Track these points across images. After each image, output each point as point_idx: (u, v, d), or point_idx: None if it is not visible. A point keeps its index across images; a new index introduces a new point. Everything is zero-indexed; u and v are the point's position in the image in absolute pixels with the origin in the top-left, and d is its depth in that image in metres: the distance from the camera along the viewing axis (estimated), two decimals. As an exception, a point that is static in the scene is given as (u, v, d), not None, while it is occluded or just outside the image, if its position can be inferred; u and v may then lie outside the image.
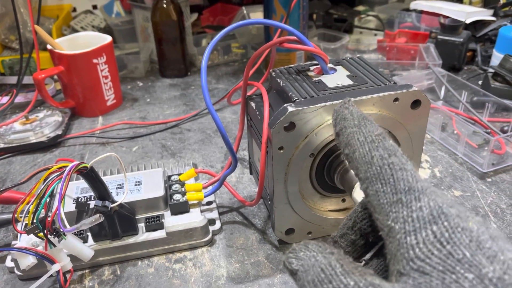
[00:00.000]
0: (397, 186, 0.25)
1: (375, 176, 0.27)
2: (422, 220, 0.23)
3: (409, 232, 0.23)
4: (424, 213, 0.24)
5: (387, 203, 0.25)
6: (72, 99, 0.74)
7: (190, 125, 0.72)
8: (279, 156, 0.40)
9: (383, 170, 0.27)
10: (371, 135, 0.29)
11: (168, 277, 0.44)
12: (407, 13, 1.02)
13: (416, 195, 0.25)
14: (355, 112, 0.31)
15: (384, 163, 0.27)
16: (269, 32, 0.84)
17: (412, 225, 0.24)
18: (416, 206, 0.24)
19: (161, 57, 0.88)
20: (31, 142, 0.66)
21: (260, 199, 0.46)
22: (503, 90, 0.72)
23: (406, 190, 0.25)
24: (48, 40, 0.70)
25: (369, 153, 0.28)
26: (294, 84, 0.43)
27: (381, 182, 0.26)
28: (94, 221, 0.39)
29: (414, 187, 0.25)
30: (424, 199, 0.24)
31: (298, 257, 0.28)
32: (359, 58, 0.48)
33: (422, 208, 0.24)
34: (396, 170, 0.26)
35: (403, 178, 0.26)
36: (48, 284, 0.43)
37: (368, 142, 0.28)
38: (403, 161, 0.27)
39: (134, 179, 0.49)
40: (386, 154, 0.27)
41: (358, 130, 0.29)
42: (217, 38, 0.42)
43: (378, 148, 0.28)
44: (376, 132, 0.29)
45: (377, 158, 0.27)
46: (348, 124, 0.30)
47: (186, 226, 0.46)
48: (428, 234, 0.23)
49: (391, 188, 0.26)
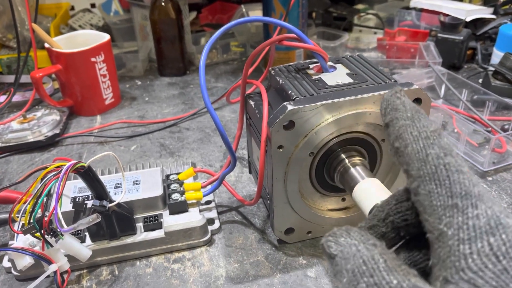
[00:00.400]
0: (453, 189, 0.24)
1: (429, 175, 0.25)
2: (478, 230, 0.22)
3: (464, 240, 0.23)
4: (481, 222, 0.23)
5: (441, 206, 0.24)
6: (70, 98, 0.74)
7: (189, 124, 0.71)
8: (278, 155, 0.39)
9: (438, 170, 0.25)
10: (426, 131, 0.27)
11: (167, 277, 0.43)
12: (407, 11, 1.01)
13: (473, 201, 0.24)
14: (407, 104, 0.29)
15: (440, 163, 0.25)
16: (268, 30, 0.84)
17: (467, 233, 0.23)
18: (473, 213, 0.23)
19: (159, 56, 0.88)
20: (28, 141, 0.65)
21: (259, 198, 0.45)
22: (504, 89, 0.72)
23: (463, 194, 0.24)
24: (45, 39, 0.69)
25: (423, 150, 0.26)
26: (294, 82, 0.43)
27: (435, 182, 0.25)
28: (92, 221, 0.39)
29: (471, 192, 0.24)
30: (481, 206, 0.23)
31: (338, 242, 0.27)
32: (359, 56, 0.48)
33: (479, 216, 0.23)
34: (452, 172, 0.25)
35: (460, 181, 0.24)
36: (46, 285, 0.43)
37: (423, 138, 0.27)
38: (459, 163, 0.25)
39: (132, 178, 0.48)
40: (442, 153, 0.26)
41: (411, 123, 0.28)
42: (216, 35, 0.42)
43: (433, 146, 0.26)
44: (432, 128, 0.27)
45: (432, 157, 0.26)
46: (401, 116, 0.28)
47: (185, 225, 0.45)
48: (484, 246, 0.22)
49: (447, 191, 0.24)
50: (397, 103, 0.29)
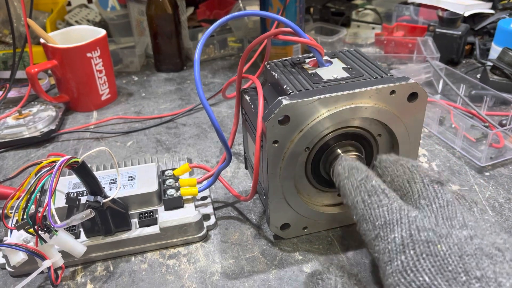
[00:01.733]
0: (376, 222, 0.30)
1: (360, 218, 0.31)
2: (394, 251, 0.27)
3: (387, 262, 0.27)
4: (396, 244, 0.27)
5: (372, 239, 0.30)
6: (66, 93, 0.73)
7: (186, 120, 0.71)
8: (273, 150, 0.39)
9: (365, 212, 0.31)
10: (356, 182, 0.33)
11: (162, 273, 0.43)
12: (405, 6, 1.01)
13: (391, 228, 0.29)
14: (346, 165, 0.35)
15: (365, 205, 0.31)
16: (265, 25, 0.83)
17: (388, 255, 0.28)
18: (391, 237, 0.28)
19: (156, 52, 0.87)
20: (24, 137, 0.65)
21: (255, 194, 0.45)
22: (502, 84, 0.72)
23: (383, 224, 0.29)
24: (41, 34, 0.69)
25: (354, 198, 0.32)
26: (289, 77, 0.42)
27: (365, 221, 0.31)
28: (85, 216, 0.39)
29: (389, 220, 0.29)
30: (397, 230, 0.28)
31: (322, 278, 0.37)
32: (355, 50, 0.48)
33: (395, 239, 0.28)
34: (374, 209, 0.30)
35: (380, 214, 0.30)
36: (40, 281, 0.43)
37: (354, 188, 0.33)
38: (380, 198, 0.31)
39: (127, 174, 0.48)
40: (366, 196, 0.32)
41: (347, 181, 0.34)
42: (211, 29, 0.41)
43: (360, 192, 0.32)
44: (360, 178, 0.33)
45: (360, 202, 0.32)
46: (341, 178, 0.35)
47: (180, 221, 0.45)
48: (398, 264, 0.26)
49: (372, 226, 0.30)
50: (338, 169, 0.36)
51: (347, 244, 0.45)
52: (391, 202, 0.30)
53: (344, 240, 0.46)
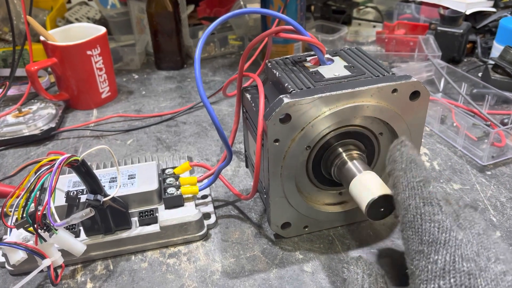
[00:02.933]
0: (423, 237, 0.29)
1: (408, 223, 0.31)
2: (434, 273, 0.27)
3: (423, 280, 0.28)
4: (437, 267, 0.27)
5: (413, 250, 0.30)
6: (66, 91, 0.73)
7: (186, 118, 0.71)
8: (274, 148, 0.39)
9: (415, 219, 0.30)
10: (413, 181, 0.32)
11: (162, 272, 0.43)
12: (406, 4, 1.00)
13: (436, 248, 0.28)
14: (405, 154, 0.34)
15: (417, 213, 0.30)
16: (266, 23, 0.83)
17: (426, 275, 0.28)
18: (434, 258, 0.28)
19: (156, 49, 0.87)
20: (24, 135, 0.65)
21: (255, 192, 0.45)
22: (503, 82, 0.71)
23: (430, 242, 0.29)
24: (40, 32, 0.68)
25: (407, 200, 0.31)
26: (290, 75, 0.42)
27: (412, 230, 0.30)
28: (85, 215, 0.39)
29: (438, 239, 0.29)
30: (442, 252, 0.28)
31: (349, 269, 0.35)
32: (356, 48, 0.47)
33: (437, 262, 0.28)
34: (425, 221, 0.30)
35: (430, 230, 0.29)
36: (40, 280, 0.42)
37: (409, 188, 0.32)
38: (435, 211, 0.30)
39: (127, 172, 0.48)
40: (421, 203, 0.31)
41: (403, 174, 0.33)
42: (212, 27, 0.41)
43: (415, 197, 0.31)
44: (418, 178, 0.32)
45: (412, 207, 0.31)
46: (397, 167, 0.33)
47: (181, 220, 0.45)
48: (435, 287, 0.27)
49: (418, 238, 0.30)
50: (396, 155, 0.34)
51: (348, 243, 0.45)
52: (443, 219, 0.30)
53: (345, 239, 0.46)
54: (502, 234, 0.45)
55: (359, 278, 0.34)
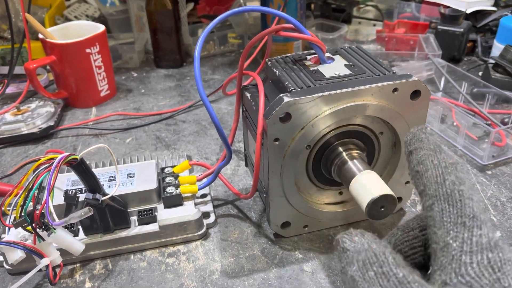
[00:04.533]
0: (464, 210, 0.28)
1: (444, 196, 0.29)
2: (480, 246, 0.26)
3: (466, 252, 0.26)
4: (483, 240, 0.27)
5: (451, 222, 0.28)
6: (64, 89, 0.73)
7: (185, 117, 0.70)
8: (274, 148, 0.39)
9: (453, 194, 0.29)
10: (446, 161, 0.31)
11: (161, 271, 0.43)
12: (406, 3, 1.00)
13: (478, 224, 0.27)
14: (432, 139, 0.33)
15: (455, 188, 0.29)
16: (266, 21, 0.83)
17: (470, 247, 0.26)
18: (477, 232, 0.27)
19: (156, 48, 0.87)
20: (22, 133, 0.64)
21: (255, 192, 0.45)
22: (504, 81, 0.71)
23: (471, 216, 0.28)
24: (39, 29, 0.68)
25: (442, 175, 0.30)
26: (291, 74, 0.42)
27: (449, 203, 0.29)
28: (83, 214, 0.38)
29: (478, 216, 0.28)
30: (485, 229, 0.27)
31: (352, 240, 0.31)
32: (357, 47, 0.47)
33: (482, 236, 0.27)
34: (464, 197, 0.29)
35: (470, 206, 0.28)
36: (38, 279, 0.42)
37: (442, 166, 0.31)
38: (471, 192, 0.29)
39: (126, 171, 0.48)
40: (457, 182, 0.30)
41: (433, 154, 0.32)
42: (212, 25, 0.41)
43: (451, 174, 0.30)
44: (451, 161, 0.31)
45: (449, 182, 0.30)
46: (424, 146, 0.33)
47: (180, 219, 0.45)
48: (483, 258, 0.26)
49: (458, 211, 0.28)
50: (422, 136, 0.33)
51: (348, 242, 0.45)
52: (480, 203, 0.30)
53: (345, 239, 0.45)
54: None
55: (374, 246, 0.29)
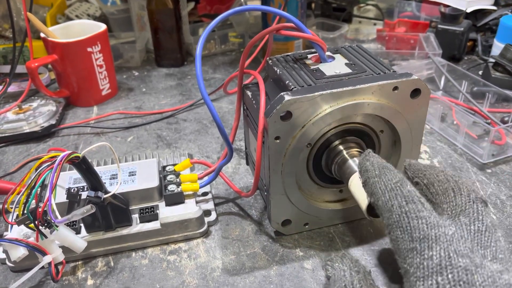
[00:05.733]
0: (413, 234, 0.29)
1: (395, 223, 0.30)
2: (430, 269, 0.27)
3: (419, 277, 0.27)
4: (433, 262, 0.27)
5: (405, 249, 0.29)
6: (66, 88, 0.73)
7: (186, 115, 0.71)
8: (275, 146, 0.39)
9: (401, 218, 0.30)
10: (391, 183, 0.32)
11: (163, 268, 0.43)
12: (406, 2, 1.00)
13: (429, 244, 0.28)
14: (375, 163, 0.34)
15: (402, 211, 0.30)
16: (266, 20, 0.83)
17: (422, 272, 0.27)
18: (428, 254, 0.27)
19: (157, 47, 0.87)
20: (24, 132, 0.64)
21: (256, 190, 0.45)
22: (504, 80, 0.71)
23: (421, 238, 0.28)
24: (41, 28, 0.68)
25: (389, 201, 0.31)
26: (291, 73, 0.42)
27: (400, 229, 0.30)
28: (86, 212, 0.39)
29: (428, 235, 0.28)
30: (436, 248, 0.28)
31: (333, 266, 0.34)
32: (357, 46, 0.47)
33: (433, 257, 0.27)
34: (412, 218, 0.29)
35: (418, 226, 0.29)
36: (40, 276, 0.43)
37: (388, 190, 0.32)
38: (419, 208, 0.30)
39: (128, 169, 0.48)
40: (403, 202, 0.30)
41: (379, 180, 0.33)
42: (213, 24, 0.41)
43: (396, 197, 0.31)
44: (395, 180, 0.32)
45: (395, 207, 0.31)
46: (370, 175, 0.34)
47: (181, 217, 0.45)
48: (432, 284, 0.26)
49: (408, 236, 0.29)
50: (366, 164, 0.35)
51: (348, 240, 0.45)
52: (428, 215, 0.30)
53: (345, 237, 0.46)
54: (502, 232, 0.45)
55: (347, 275, 0.33)
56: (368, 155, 0.36)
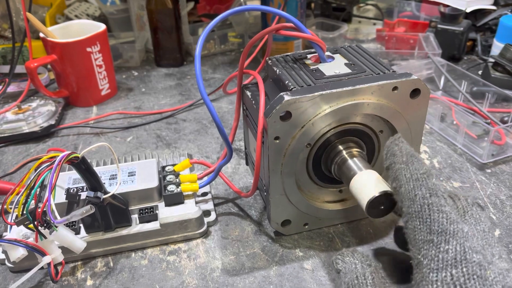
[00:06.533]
0: (432, 227, 0.29)
1: (415, 213, 0.30)
2: (445, 262, 0.27)
3: (433, 269, 0.28)
4: (449, 256, 0.28)
5: (421, 240, 0.30)
6: (65, 88, 0.73)
7: (186, 115, 0.71)
8: (275, 146, 0.39)
9: (422, 209, 0.30)
10: (417, 173, 0.32)
11: (162, 269, 0.43)
12: (406, 2, 1.00)
13: (446, 238, 0.28)
14: (404, 149, 0.34)
15: (425, 203, 0.30)
16: (266, 20, 0.83)
17: (436, 264, 0.28)
18: (444, 248, 0.28)
19: (156, 46, 0.87)
20: (23, 132, 0.64)
21: (256, 190, 0.45)
22: (503, 80, 0.71)
23: (439, 232, 0.29)
24: (40, 28, 0.68)
25: (413, 190, 0.31)
26: (291, 73, 0.42)
27: (419, 220, 0.30)
28: (85, 212, 0.38)
29: (447, 230, 0.29)
30: (452, 242, 0.28)
31: (344, 260, 0.34)
32: (357, 46, 0.47)
33: (448, 251, 0.28)
34: (433, 211, 0.30)
35: (439, 220, 0.29)
36: (40, 277, 0.43)
37: (414, 179, 0.32)
38: (442, 202, 0.30)
39: (127, 169, 0.48)
40: (427, 194, 0.31)
41: (405, 167, 0.33)
42: (212, 24, 0.41)
43: (421, 187, 0.31)
44: (422, 171, 0.32)
45: (419, 197, 0.31)
46: (397, 160, 0.34)
47: (181, 217, 0.45)
48: (447, 276, 0.27)
49: (427, 228, 0.29)
50: (395, 149, 0.35)
51: (348, 241, 0.45)
52: (450, 211, 0.30)
53: (345, 237, 0.46)
54: (502, 232, 0.45)
55: (358, 267, 0.33)
56: (398, 140, 0.35)
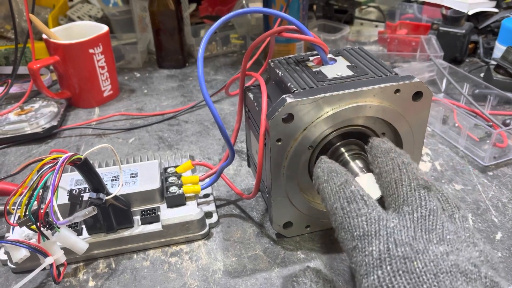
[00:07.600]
0: (354, 233, 0.29)
1: (339, 225, 0.31)
2: (370, 265, 0.27)
3: (363, 275, 0.27)
4: (373, 257, 0.27)
5: (349, 249, 0.30)
6: (68, 89, 0.73)
7: (188, 117, 0.71)
8: (277, 148, 0.39)
9: (343, 220, 0.30)
10: (335, 187, 0.33)
11: (164, 270, 0.43)
12: (408, 4, 1.00)
13: (369, 240, 0.28)
14: (325, 168, 0.35)
15: (344, 213, 0.31)
16: (268, 22, 0.83)
17: (364, 269, 0.27)
18: (369, 250, 0.28)
19: (158, 48, 0.87)
20: (26, 133, 0.65)
21: (257, 192, 0.45)
22: (506, 83, 0.71)
23: (361, 236, 0.29)
24: (43, 29, 0.68)
25: (333, 204, 0.32)
26: (293, 75, 0.42)
27: (343, 230, 0.30)
28: (88, 213, 0.39)
29: (368, 232, 0.29)
30: (375, 242, 0.28)
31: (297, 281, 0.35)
32: (359, 48, 0.47)
33: (373, 253, 0.27)
34: (352, 218, 0.30)
35: (358, 224, 0.29)
36: (42, 277, 0.43)
37: (333, 194, 0.32)
38: (360, 206, 0.30)
39: (129, 171, 0.48)
40: (345, 203, 0.31)
41: (326, 185, 0.33)
42: (215, 26, 0.41)
43: (339, 199, 0.32)
44: (339, 182, 0.33)
45: (338, 209, 0.31)
46: (320, 181, 0.34)
47: (183, 219, 0.45)
48: (374, 279, 0.26)
49: (350, 235, 0.30)
50: (317, 171, 0.35)
51: (350, 243, 0.45)
52: (369, 211, 0.30)
53: (347, 239, 0.46)
54: (504, 234, 0.45)
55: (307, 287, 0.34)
56: (320, 161, 0.36)
